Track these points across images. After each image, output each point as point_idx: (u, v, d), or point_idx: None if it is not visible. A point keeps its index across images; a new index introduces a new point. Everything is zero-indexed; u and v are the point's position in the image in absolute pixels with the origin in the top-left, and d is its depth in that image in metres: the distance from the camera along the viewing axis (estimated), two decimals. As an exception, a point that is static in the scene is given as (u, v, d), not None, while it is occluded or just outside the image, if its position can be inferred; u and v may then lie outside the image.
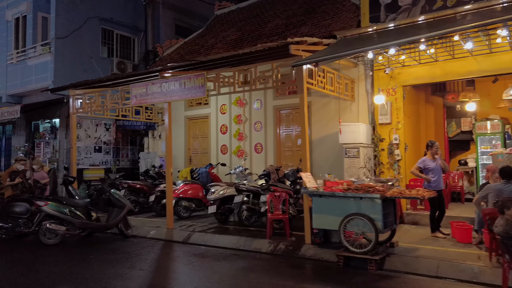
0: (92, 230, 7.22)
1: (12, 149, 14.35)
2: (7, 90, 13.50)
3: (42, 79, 12.40)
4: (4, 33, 13.63)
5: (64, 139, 12.66)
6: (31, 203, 7.42)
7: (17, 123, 14.01)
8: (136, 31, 14.58)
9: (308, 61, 5.83)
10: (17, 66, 13.16)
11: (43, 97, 12.94)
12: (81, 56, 12.77)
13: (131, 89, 8.47)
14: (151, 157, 11.99)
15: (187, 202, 8.98)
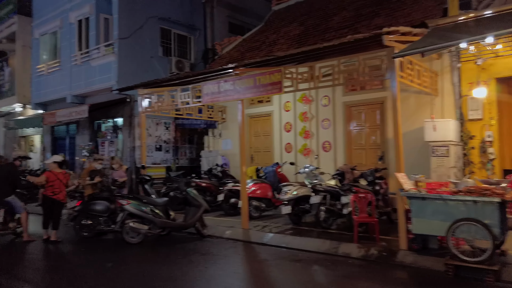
0: (171, 229, 7.17)
1: (76, 148, 14.86)
2: (72, 91, 13.94)
3: (106, 79, 12.67)
4: (68, 35, 14.07)
5: (128, 138, 12.89)
6: (110, 201, 7.50)
7: (80, 122, 14.46)
8: (192, 29, 14.61)
9: (413, 51, 5.39)
10: (81, 67, 13.55)
11: (106, 97, 13.24)
12: (142, 55, 12.93)
13: (202, 87, 8.37)
14: (213, 155, 11.93)
15: (257, 201, 8.79)
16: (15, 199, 6.93)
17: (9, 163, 7.22)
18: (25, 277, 5.13)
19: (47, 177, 7.00)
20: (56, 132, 16.12)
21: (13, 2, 15.87)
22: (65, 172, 7.28)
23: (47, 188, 6.95)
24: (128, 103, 12.74)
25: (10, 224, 6.85)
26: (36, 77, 15.46)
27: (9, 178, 6.89)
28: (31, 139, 18.29)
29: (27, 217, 7.17)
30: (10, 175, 6.92)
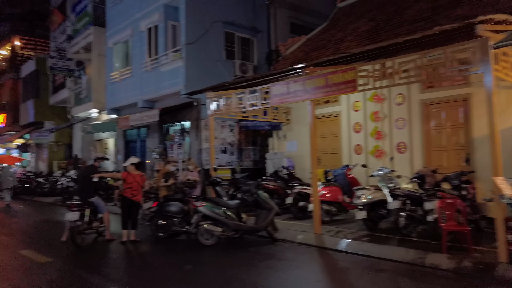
0: (243, 232, 7.13)
1: (146, 150, 15.57)
2: (142, 96, 14.63)
3: (174, 84, 13.10)
4: (138, 43, 14.79)
5: (195, 141, 13.21)
6: (184, 203, 7.65)
7: (151, 126, 15.12)
8: (254, 32, 14.64)
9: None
10: (151, 73, 14.15)
11: (174, 101, 13.70)
12: (208, 60, 13.19)
13: (271, 88, 8.26)
14: (278, 157, 11.81)
15: (328, 205, 8.48)
16: (98, 200, 7.33)
17: (90, 165, 7.65)
18: (111, 277, 5.35)
19: (124, 177, 7.29)
20: (128, 135, 17.03)
21: (89, 14, 17.06)
22: (142, 174, 7.55)
23: (126, 189, 7.25)
24: (195, 106, 13.06)
25: (94, 223, 7.25)
26: (110, 84, 16.47)
27: (89, 179, 7.28)
28: (106, 142, 19.54)
29: (109, 217, 7.55)
30: (89, 177, 7.31)
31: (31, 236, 8.18)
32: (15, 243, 7.36)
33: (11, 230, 8.98)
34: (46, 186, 17.60)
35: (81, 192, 7.23)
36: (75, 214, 6.72)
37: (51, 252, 6.38)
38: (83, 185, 7.34)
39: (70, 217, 6.69)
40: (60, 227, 9.29)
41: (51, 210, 13.25)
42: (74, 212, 6.74)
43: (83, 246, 6.91)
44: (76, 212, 6.74)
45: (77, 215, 6.73)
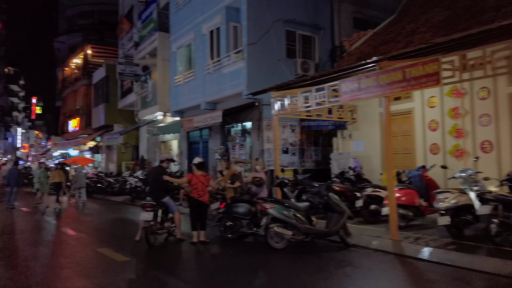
0: (314, 236, 6.82)
1: (209, 151, 15.82)
2: (205, 98, 14.87)
3: (236, 85, 13.12)
4: (201, 46, 15.06)
5: (256, 141, 13.13)
6: (252, 204, 7.52)
7: (213, 127, 15.34)
8: (316, 29, 14.24)
9: None
10: (213, 75, 14.33)
11: (235, 102, 13.74)
12: (269, 59, 13.05)
13: (340, 85, 7.87)
14: (344, 158, 11.33)
15: (403, 209, 7.88)
16: (170, 200, 7.45)
17: (158, 166, 7.75)
18: (186, 278, 5.33)
19: (189, 179, 7.33)
20: (191, 137, 17.45)
21: (154, 21, 17.75)
22: (206, 174, 7.53)
23: (192, 190, 7.28)
24: (257, 107, 12.97)
25: (165, 223, 7.37)
26: (174, 87, 16.99)
27: (160, 180, 7.39)
28: (170, 144, 20.24)
29: (180, 216, 7.64)
30: (160, 178, 7.42)
31: (106, 234, 8.55)
32: (93, 241, 7.71)
33: (88, 228, 9.49)
34: (116, 186, 18.59)
35: (153, 192, 7.37)
36: (149, 214, 6.86)
37: (127, 251, 6.56)
38: (155, 186, 7.47)
39: (144, 217, 6.84)
40: (132, 225, 9.66)
41: (122, 209, 13.90)
42: (148, 212, 6.88)
43: (156, 245, 7.04)
44: (150, 212, 6.88)
45: (151, 215, 6.87)
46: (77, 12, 40.27)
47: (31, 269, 5.48)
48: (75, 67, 30.53)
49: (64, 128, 32.77)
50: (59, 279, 5.13)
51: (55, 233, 8.65)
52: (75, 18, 40.72)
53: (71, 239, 7.88)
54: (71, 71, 31.28)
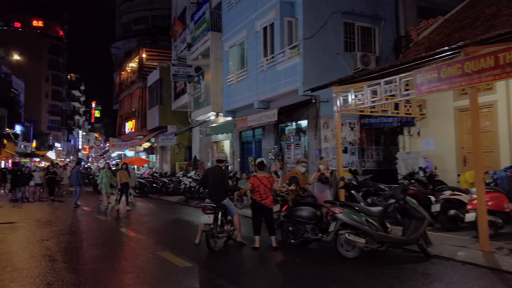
0: (390, 244, 6.10)
1: (262, 151, 15.42)
2: (258, 97, 14.48)
3: (291, 82, 12.58)
4: (254, 43, 14.69)
5: (313, 140, 12.49)
6: (316, 208, 6.95)
7: (266, 127, 14.91)
8: (376, 20, 13.31)
9: None
10: (267, 72, 13.90)
11: (289, 100, 13.21)
12: (326, 54, 12.37)
13: (416, 76, 7.04)
14: (412, 157, 10.36)
15: (491, 216, 6.88)
16: (229, 202, 7.08)
17: (217, 166, 7.34)
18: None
19: (251, 182, 6.90)
20: (244, 137, 17.17)
21: (207, 21, 17.71)
22: (269, 176, 7.05)
23: (254, 193, 6.85)
24: (313, 104, 12.35)
25: (225, 226, 7.00)
26: (226, 86, 16.80)
27: (220, 181, 7.04)
28: (222, 144, 20.15)
29: (239, 219, 7.25)
30: (221, 178, 7.07)
31: (165, 236, 8.37)
32: (153, 243, 7.52)
33: (146, 229, 9.42)
34: (171, 186, 18.79)
35: (214, 194, 7.01)
36: (209, 217, 6.51)
37: (188, 255, 6.27)
38: (216, 187, 7.09)
39: (205, 220, 6.51)
40: (189, 227, 9.49)
41: (177, 209, 13.89)
42: (209, 215, 6.53)
43: (217, 250, 6.68)
44: (210, 215, 6.53)
45: (211, 218, 6.52)
46: (132, 19, 41.93)
47: (94, 274, 5.33)
48: (130, 71, 31.66)
49: (121, 130, 34.13)
50: (123, 287, 4.93)
51: (115, 234, 8.65)
52: (130, 24, 42.43)
53: (131, 241, 7.79)
54: (127, 75, 32.49)
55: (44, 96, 59.93)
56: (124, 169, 14.37)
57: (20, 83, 51.49)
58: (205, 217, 6.51)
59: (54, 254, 6.45)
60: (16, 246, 7.18)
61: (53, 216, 11.99)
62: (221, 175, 7.09)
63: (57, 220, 10.80)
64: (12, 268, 5.57)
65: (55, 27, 66.23)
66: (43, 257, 6.24)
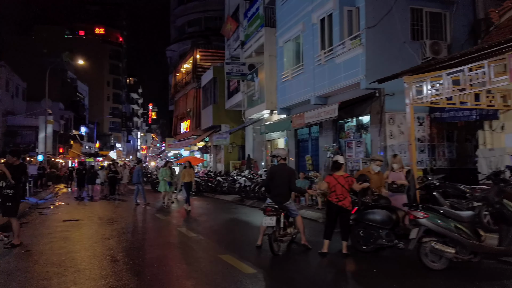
0: (485, 255, 5.23)
1: (319, 149, 14.73)
2: (315, 92, 13.81)
3: (352, 74, 11.78)
4: (310, 36, 14.04)
5: (377, 137, 11.60)
6: (391, 211, 6.22)
7: (323, 123, 14.19)
8: (447, 4, 12.09)
9: None
10: (324, 66, 13.19)
11: (349, 94, 12.41)
12: (391, 43, 11.43)
13: (510, 60, 6.05)
14: (496, 155, 9.14)
15: None
16: (292, 203, 6.56)
17: (283, 164, 6.80)
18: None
19: (327, 181, 6.30)
20: (299, 134, 16.58)
21: (261, 17, 17.33)
22: (347, 175, 6.40)
23: (330, 194, 6.27)
24: (377, 98, 11.45)
25: (288, 229, 6.48)
26: (281, 83, 16.30)
27: (287, 181, 6.54)
28: (276, 142, 19.69)
29: (302, 221, 6.71)
30: (289, 178, 6.57)
31: (225, 238, 8.02)
32: (213, 245, 7.19)
33: (205, 230, 9.18)
34: (225, 185, 18.68)
35: (278, 195, 6.51)
36: (272, 219, 6.03)
37: (251, 260, 5.84)
38: (281, 187, 6.54)
39: (267, 222, 6.04)
40: (248, 228, 9.13)
41: (233, 209, 13.64)
42: (271, 217, 6.05)
43: (281, 254, 6.19)
44: (273, 217, 6.05)
45: (274, 221, 6.04)
46: (186, 21, 42.88)
47: (156, 278, 5.07)
48: (185, 72, 32.30)
49: (176, 130, 34.98)
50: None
51: (175, 234, 8.49)
52: (184, 26, 43.44)
53: (190, 241, 7.55)
54: (182, 76, 33.19)
55: (106, 99, 63.58)
56: (189, 167, 13.81)
57: (84, 87, 55.01)
58: (267, 219, 6.04)
59: (116, 254, 6.34)
60: (79, 244, 7.22)
61: (114, 214, 12.25)
62: (290, 175, 6.57)
63: (118, 218, 10.96)
64: (75, 268, 5.49)
65: (115, 33, 70.05)
66: (105, 257, 6.15)
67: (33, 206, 15.04)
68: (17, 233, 7.04)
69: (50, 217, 11.45)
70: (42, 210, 13.29)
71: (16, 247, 6.86)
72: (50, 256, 6.20)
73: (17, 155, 7.20)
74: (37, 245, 7.10)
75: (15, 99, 34.71)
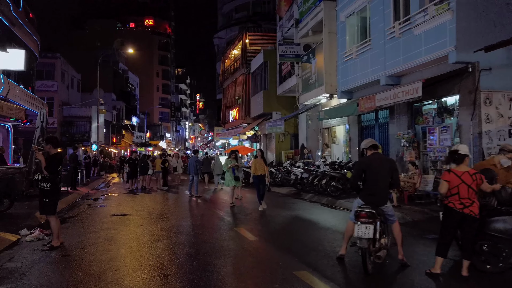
0: None
1: (389, 138, 12.86)
2: (386, 71, 11.94)
3: (436, 47, 9.81)
4: (380, 6, 12.12)
5: (469, 122, 9.61)
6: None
7: (395, 107, 12.33)
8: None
9: None
10: (398, 40, 11.27)
11: (429, 72, 10.48)
12: (488, 6, 9.36)
13: None
14: None
15: None
16: (389, 206, 5.01)
17: (376, 153, 5.17)
18: None
19: (445, 179, 4.67)
20: (363, 121, 14.78)
21: (320, -10, 15.58)
22: (473, 172, 4.63)
23: (449, 197, 4.65)
24: (469, 74, 9.44)
25: (383, 239, 4.91)
26: (343, 63, 14.54)
27: (388, 176, 4.99)
28: (334, 130, 17.97)
29: (400, 228, 5.14)
30: (391, 172, 4.99)
31: (293, 244, 6.53)
32: (281, 256, 5.68)
33: (266, 231, 7.82)
34: (278, 176, 17.34)
35: (375, 194, 4.94)
36: (368, 228, 4.51)
37: (337, 280, 4.42)
38: (380, 184, 4.99)
39: (362, 233, 4.52)
40: (317, 229, 7.69)
41: (291, 204, 12.26)
42: (367, 225, 4.53)
43: (374, 274, 4.69)
44: (369, 225, 4.54)
45: (371, 231, 4.52)
46: (233, 7, 41.76)
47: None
48: (233, 58, 31.18)
49: (225, 118, 34.12)
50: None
51: (233, 236, 7.21)
52: (232, 13, 42.33)
53: (252, 248, 6.25)
54: (230, 63, 32.12)
55: (155, 90, 64.57)
56: (260, 157, 11.21)
57: (135, 78, 56.02)
58: (362, 228, 4.52)
59: (166, 265, 5.20)
60: (124, 248, 6.19)
61: (164, 207, 11.35)
62: (392, 167, 5.01)
63: (169, 213, 10.00)
64: (117, 285, 4.39)
65: (164, 24, 70.75)
66: (153, 268, 5.02)
67: (83, 196, 14.68)
68: (56, 233, 6.16)
69: (98, 210, 10.76)
70: (91, 202, 12.76)
71: (55, 249, 5.97)
72: (90, 265, 5.18)
73: (53, 142, 6.28)
74: (78, 247, 6.18)
75: (70, 90, 35.64)
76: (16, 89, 15.37)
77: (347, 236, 5.17)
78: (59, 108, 32.89)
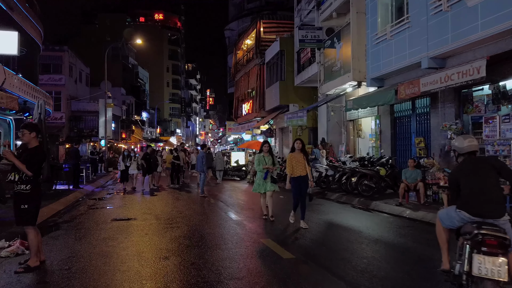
0: None
1: (431, 130, 11.22)
2: (429, 52, 10.28)
3: (496, 20, 8.14)
4: (422, -23, 10.47)
5: (540, 108, 7.94)
6: None
7: (437, 95, 10.70)
8: None
9: None
10: (446, 14, 9.61)
11: (483, 51, 8.86)
12: None
13: None
14: None
15: None
16: (508, 222, 3.40)
17: (472, 153, 3.64)
18: None
19: None
20: (397, 111, 13.14)
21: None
22: None
23: None
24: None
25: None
26: (373, 46, 12.90)
27: (496, 177, 3.45)
28: (359, 123, 16.34)
29: None
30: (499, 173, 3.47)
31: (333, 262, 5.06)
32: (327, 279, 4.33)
33: (301, 244, 6.28)
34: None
35: (488, 203, 3.38)
36: (501, 264, 2.79)
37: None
38: (491, 192, 3.47)
39: (491, 271, 2.73)
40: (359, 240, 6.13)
41: (318, 205, 10.71)
42: (495, 258, 2.82)
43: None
44: (502, 259, 2.82)
45: (504, 267, 2.81)
46: (245, -3, 40.15)
47: None
48: (246, 49, 29.64)
49: (237, 112, 32.67)
50: None
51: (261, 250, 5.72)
52: (243, 3, 40.72)
53: (290, 268, 4.76)
54: (243, 54, 30.59)
55: (165, 85, 63.42)
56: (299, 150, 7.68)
57: (145, 73, 54.91)
58: (488, 262, 2.84)
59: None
60: (120, 271, 4.69)
61: (174, 210, 9.92)
62: (502, 166, 3.49)
63: (179, 218, 8.57)
64: None
65: (174, 18, 69.48)
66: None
67: (87, 195, 13.38)
68: (35, 250, 4.74)
69: (99, 213, 9.38)
70: (93, 202, 11.42)
71: (32, 271, 4.56)
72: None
73: (34, 129, 4.85)
74: (62, 268, 4.75)
75: (78, 84, 34.55)
76: (14, 78, 14.09)
77: (443, 244, 3.67)
78: (67, 101, 31.80)
